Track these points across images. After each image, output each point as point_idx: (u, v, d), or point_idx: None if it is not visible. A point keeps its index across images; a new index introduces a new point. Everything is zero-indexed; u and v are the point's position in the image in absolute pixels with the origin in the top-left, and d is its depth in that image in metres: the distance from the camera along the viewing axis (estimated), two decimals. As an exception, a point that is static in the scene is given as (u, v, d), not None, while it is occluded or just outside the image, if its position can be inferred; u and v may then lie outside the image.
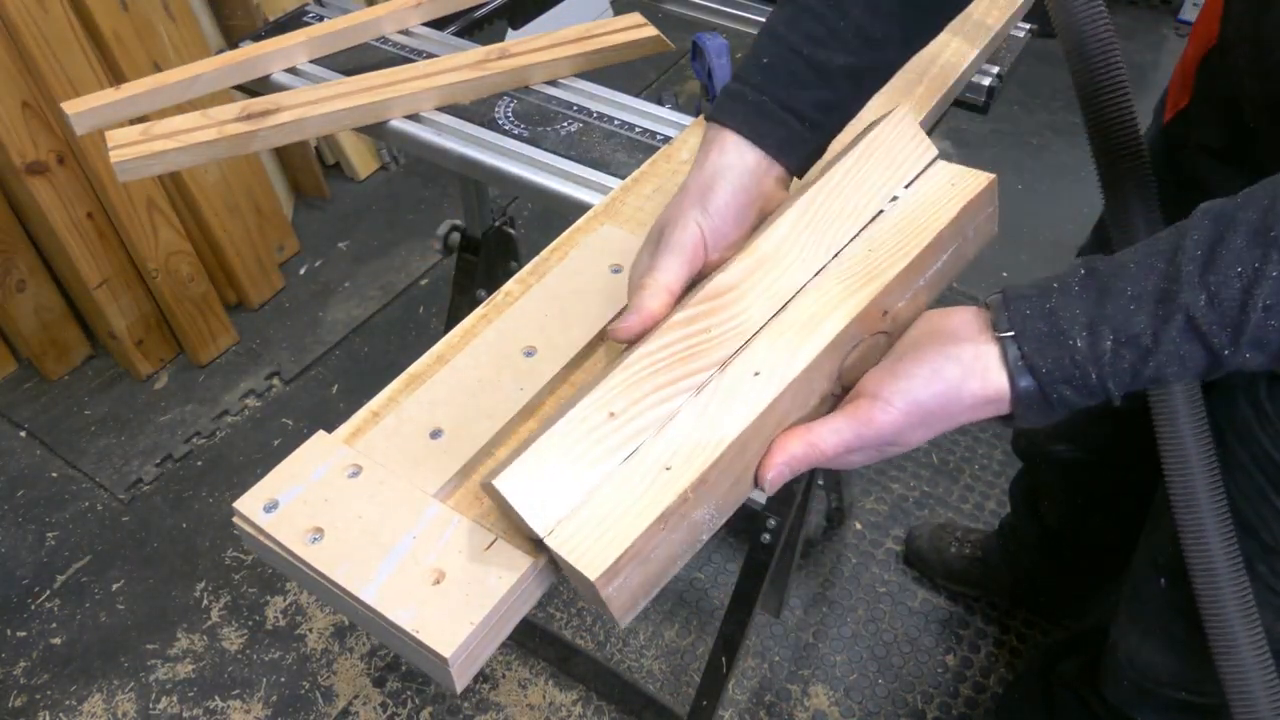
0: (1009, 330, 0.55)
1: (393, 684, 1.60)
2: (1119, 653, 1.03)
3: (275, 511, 0.58)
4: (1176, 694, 0.99)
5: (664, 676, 1.61)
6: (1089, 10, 0.69)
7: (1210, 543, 0.74)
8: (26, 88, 1.71)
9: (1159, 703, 1.03)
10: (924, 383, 0.56)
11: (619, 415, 0.55)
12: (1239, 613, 0.75)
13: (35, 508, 1.87)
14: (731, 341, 0.59)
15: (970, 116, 1.99)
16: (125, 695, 1.60)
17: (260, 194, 2.19)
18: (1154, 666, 0.99)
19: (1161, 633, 0.97)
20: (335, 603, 0.57)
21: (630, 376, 0.57)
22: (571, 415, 0.55)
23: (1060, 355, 0.54)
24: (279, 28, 1.15)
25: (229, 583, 1.74)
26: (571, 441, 0.55)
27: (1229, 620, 0.75)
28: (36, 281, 1.97)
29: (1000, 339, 0.55)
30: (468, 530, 0.57)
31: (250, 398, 2.07)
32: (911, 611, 1.69)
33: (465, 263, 1.41)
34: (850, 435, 0.56)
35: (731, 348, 0.58)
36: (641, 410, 0.56)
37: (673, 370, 0.57)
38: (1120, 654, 1.03)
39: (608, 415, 0.55)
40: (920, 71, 1.01)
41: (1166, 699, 1.01)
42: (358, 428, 0.64)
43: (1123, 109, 0.73)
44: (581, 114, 1.01)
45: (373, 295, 2.29)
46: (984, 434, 1.95)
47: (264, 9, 2.11)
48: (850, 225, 0.64)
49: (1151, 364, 0.53)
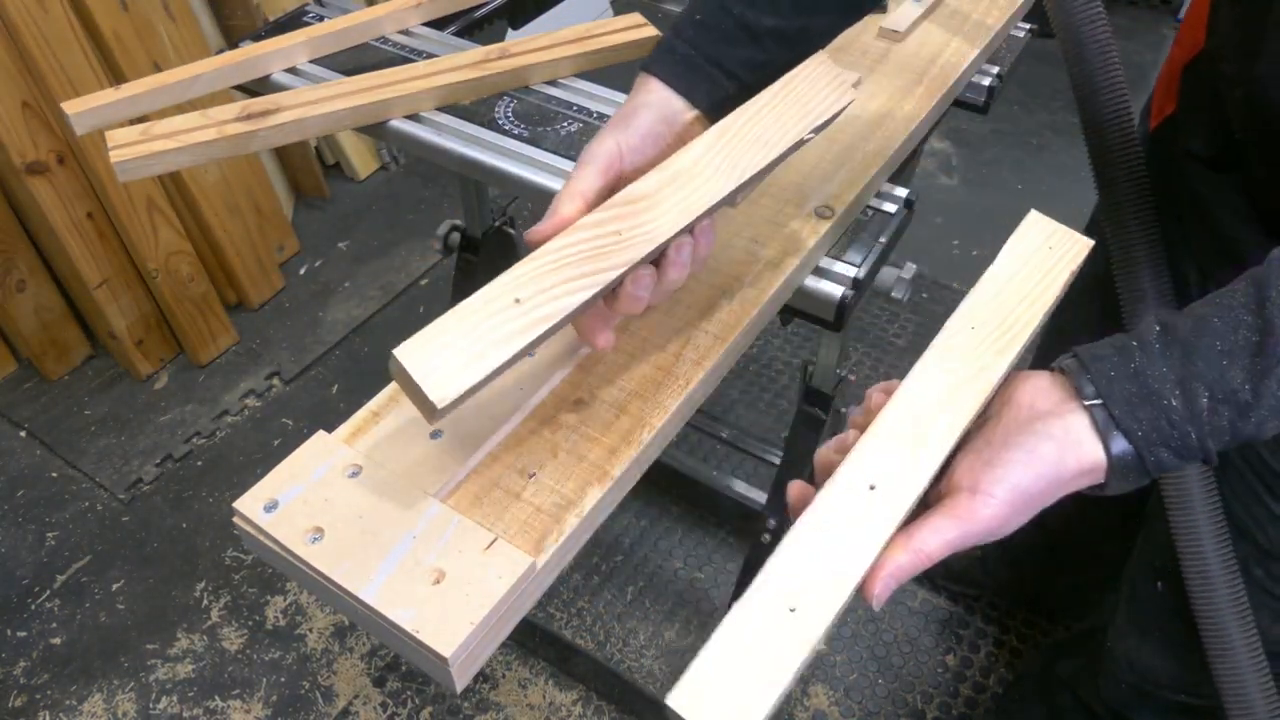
0: (1095, 397, 0.53)
1: (393, 684, 1.60)
2: (1117, 655, 1.03)
3: (275, 511, 0.58)
4: (1175, 696, 0.99)
5: (664, 676, 1.61)
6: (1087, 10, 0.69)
7: (1205, 548, 0.74)
8: (26, 88, 1.71)
9: (1157, 705, 1.03)
10: (1023, 468, 0.53)
11: (524, 302, 0.58)
12: (1235, 618, 0.75)
13: (35, 508, 1.87)
14: (640, 246, 0.61)
15: (970, 116, 2.00)
16: (125, 695, 1.60)
17: (260, 194, 2.19)
18: (1152, 669, 0.99)
19: (1159, 635, 0.97)
20: (335, 602, 0.57)
21: (538, 267, 0.59)
22: (477, 296, 0.58)
23: (1155, 416, 0.52)
24: (279, 28, 1.15)
25: (229, 583, 1.74)
26: (475, 321, 0.57)
27: (1225, 625, 0.75)
28: (36, 281, 1.97)
29: (1088, 407, 0.53)
30: (468, 530, 0.57)
31: (250, 398, 2.07)
32: (911, 611, 1.69)
33: (465, 263, 1.42)
34: (955, 535, 0.53)
35: (640, 252, 0.61)
36: (546, 300, 0.58)
37: (580, 266, 0.60)
38: (1118, 656, 1.03)
39: (513, 300, 0.58)
40: (920, 71, 1.01)
41: (1165, 701, 1.01)
42: (358, 427, 0.64)
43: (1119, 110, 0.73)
44: (581, 114, 1.01)
45: (373, 295, 2.29)
46: (984, 434, 1.95)
47: (264, 9, 2.11)
48: (762, 154, 0.66)
49: (1253, 419, 0.51)
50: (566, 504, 0.60)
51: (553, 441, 0.64)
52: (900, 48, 1.04)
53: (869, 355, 2.12)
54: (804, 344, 2.13)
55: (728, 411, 1.99)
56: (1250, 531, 0.83)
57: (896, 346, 2.13)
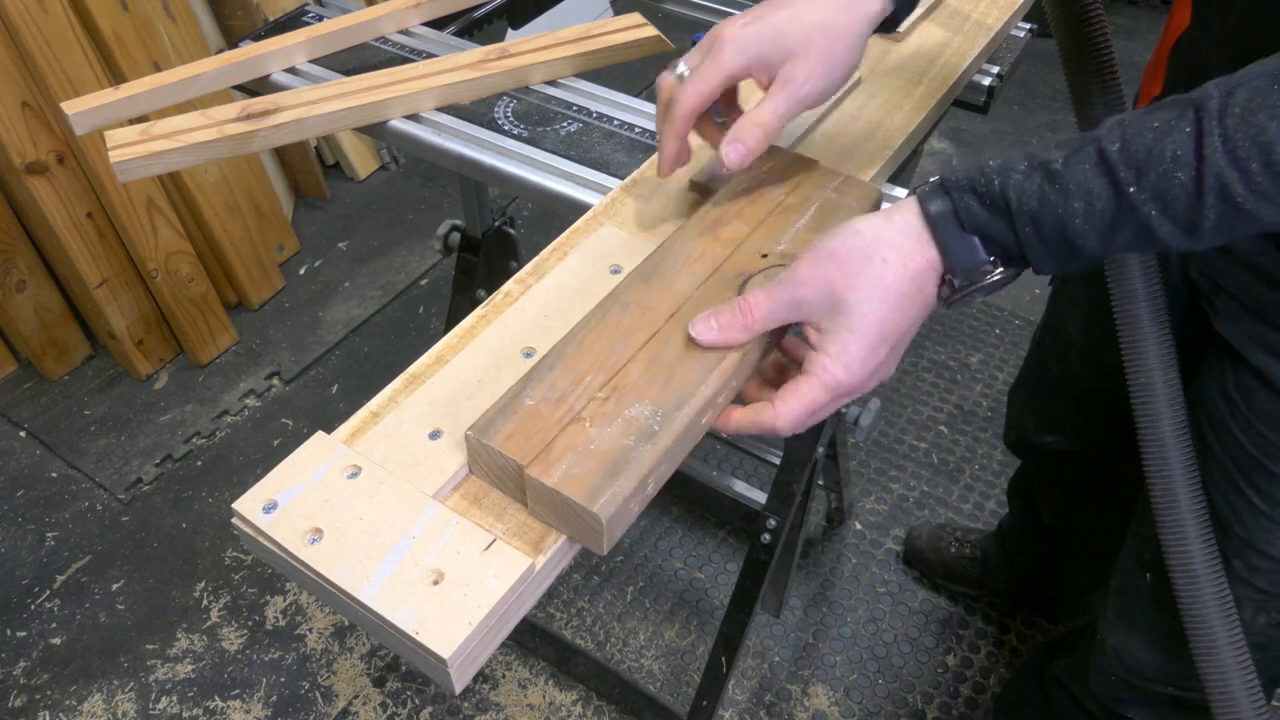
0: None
1: (393, 684, 1.60)
2: (1106, 648, 1.03)
3: (274, 512, 0.58)
4: (1164, 689, 1.00)
5: (664, 676, 1.61)
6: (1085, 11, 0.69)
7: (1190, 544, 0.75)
8: (26, 88, 1.71)
9: (1146, 698, 1.03)
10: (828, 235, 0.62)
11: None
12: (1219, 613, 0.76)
13: (35, 508, 1.87)
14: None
15: (970, 116, 2.00)
16: (125, 695, 1.60)
17: (260, 194, 2.19)
18: (1140, 662, 1.00)
19: (1147, 628, 0.97)
20: (335, 603, 0.57)
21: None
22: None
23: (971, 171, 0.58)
24: (278, 28, 1.15)
25: (229, 583, 1.74)
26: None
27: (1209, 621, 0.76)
28: (36, 281, 1.97)
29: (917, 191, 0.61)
30: (467, 531, 0.57)
31: (250, 398, 2.07)
32: (911, 611, 1.69)
33: (465, 263, 1.41)
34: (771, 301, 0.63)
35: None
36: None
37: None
38: (1108, 649, 1.03)
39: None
40: (920, 71, 1.01)
41: (1153, 694, 1.01)
42: (357, 428, 0.64)
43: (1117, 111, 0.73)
44: (581, 114, 1.01)
45: (373, 295, 2.29)
46: (984, 434, 1.95)
47: (264, 9, 2.11)
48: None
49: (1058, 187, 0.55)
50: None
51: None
52: (900, 48, 1.04)
53: (869, 355, 2.12)
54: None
55: (728, 411, 1.99)
56: (1229, 522, 0.84)
57: (896, 346, 2.13)
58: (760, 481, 1.71)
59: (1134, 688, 1.03)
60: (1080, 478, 1.31)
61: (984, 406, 2.01)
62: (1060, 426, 1.26)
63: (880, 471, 1.89)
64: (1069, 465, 1.30)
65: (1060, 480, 1.36)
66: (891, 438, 1.95)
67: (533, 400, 0.60)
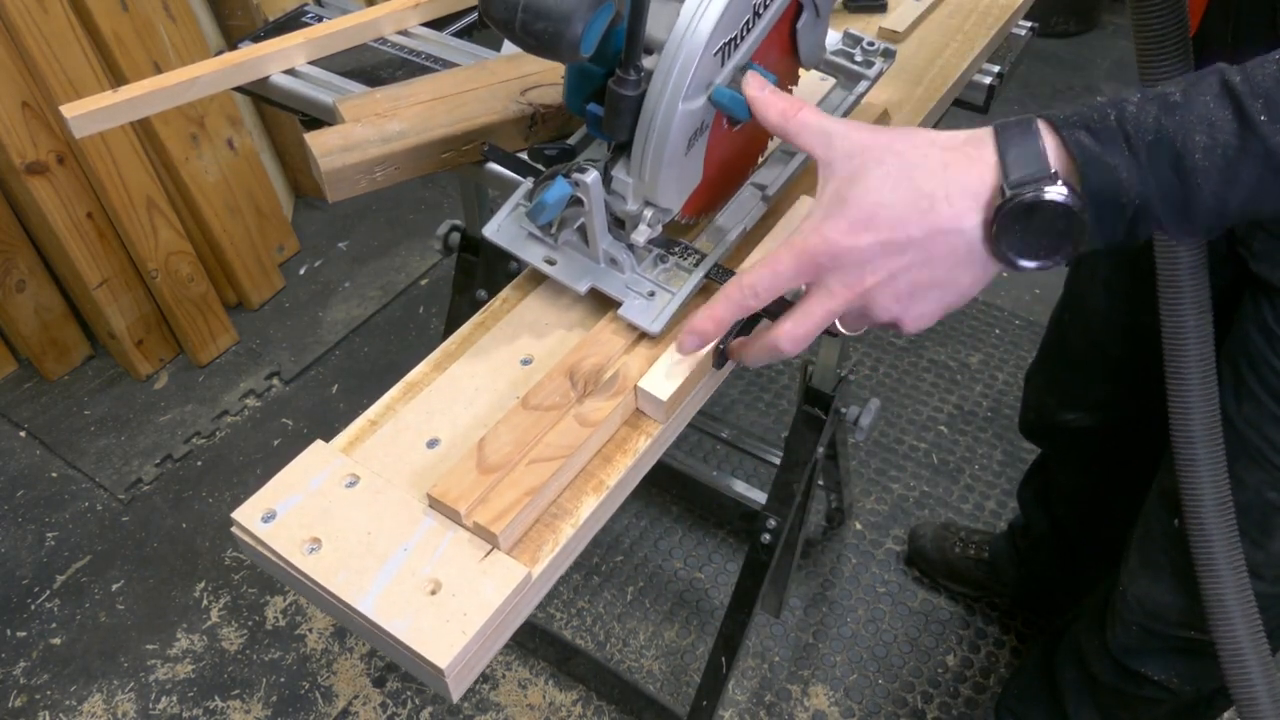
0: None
1: (393, 684, 1.60)
2: (1129, 596, 1.05)
3: (273, 521, 0.58)
4: (1185, 633, 1.01)
5: (664, 676, 1.61)
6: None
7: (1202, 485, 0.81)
8: (26, 88, 1.71)
9: (1164, 644, 1.05)
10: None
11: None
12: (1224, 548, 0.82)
13: (35, 508, 1.87)
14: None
15: (970, 116, 1.98)
16: (125, 695, 1.60)
17: (260, 194, 2.19)
18: (1163, 606, 1.02)
19: (1171, 570, 0.99)
20: (333, 611, 0.57)
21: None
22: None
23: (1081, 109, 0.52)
24: (278, 28, 1.15)
25: (229, 583, 1.74)
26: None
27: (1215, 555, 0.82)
28: (36, 281, 1.97)
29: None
30: (464, 541, 0.57)
31: (250, 398, 2.07)
32: (911, 611, 1.69)
33: (465, 263, 1.41)
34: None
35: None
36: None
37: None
38: (1130, 597, 1.05)
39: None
40: (920, 71, 1.00)
41: (1172, 641, 1.03)
42: (355, 437, 0.64)
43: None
44: None
45: (373, 295, 2.29)
46: (984, 434, 1.95)
47: (264, 9, 2.10)
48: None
49: (1178, 117, 0.49)
50: (562, 513, 0.60)
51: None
52: (900, 47, 1.04)
53: (869, 355, 2.12)
54: (804, 343, 2.13)
55: (728, 411, 1.99)
56: (1267, 457, 0.86)
57: (896, 346, 2.13)
58: (760, 481, 1.70)
59: (1153, 635, 1.05)
60: (1101, 456, 1.30)
61: (984, 406, 2.01)
62: (1083, 402, 1.26)
63: (880, 471, 1.89)
64: (1090, 443, 1.29)
65: (1080, 463, 1.36)
66: (891, 438, 1.95)
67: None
